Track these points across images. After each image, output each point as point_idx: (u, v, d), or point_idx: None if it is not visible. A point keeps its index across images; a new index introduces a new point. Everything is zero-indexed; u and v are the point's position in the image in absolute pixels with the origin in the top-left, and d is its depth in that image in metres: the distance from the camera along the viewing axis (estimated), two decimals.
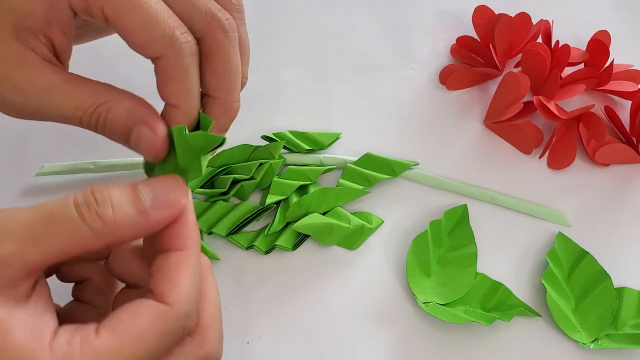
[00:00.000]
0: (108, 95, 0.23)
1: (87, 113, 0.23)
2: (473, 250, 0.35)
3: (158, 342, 0.20)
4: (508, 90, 0.39)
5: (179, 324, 0.21)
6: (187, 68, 0.23)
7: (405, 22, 0.47)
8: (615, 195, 0.39)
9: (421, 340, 0.33)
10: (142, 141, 0.23)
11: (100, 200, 0.20)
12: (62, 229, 0.20)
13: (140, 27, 0.22)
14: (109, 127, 0.23)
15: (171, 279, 0.21)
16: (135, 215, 0.21)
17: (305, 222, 0.35)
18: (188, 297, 0.21)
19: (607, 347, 0.32)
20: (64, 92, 0.23)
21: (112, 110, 0.23)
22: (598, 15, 0.47)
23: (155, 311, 0.20)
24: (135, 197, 0.21)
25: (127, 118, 0.23)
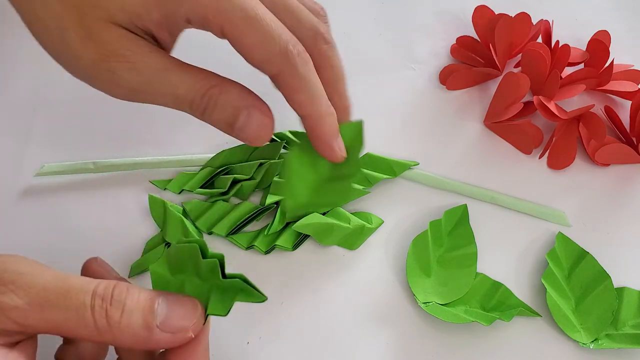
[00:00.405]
0: (219, 79, 0.24)
1: (199, 93, 0.23)
2: (473, 250, 0.35)
3: None
4: (508, 90, 0.39)
5: None
6: (306, 77, 0.24)
7: (405, 22, 0.47)
8: (615, 195, 0.39)
9: (421, 340, 0.33)
10: (252, 123, 0.24)
11: (115, 299, 0.20)
12: (70, 310, 0.20)
13: (257, 44, 0.23)
14: (219, 109, 0.23)
15: None
16: (141, 328, 0.21)
17: (305, 222, 0.35)
18: None
19: (607, 347, 0.32)
20: (179, 73, 0.23)
21: (224, 93, 0.23)
22: (598, 15, 0.47)
23: None
24: (149, 309, 0.21)
25: (238, 100, 0.24)
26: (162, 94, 0.23)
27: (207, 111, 0.24)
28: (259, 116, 0.24)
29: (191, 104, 0.23)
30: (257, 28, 0.23)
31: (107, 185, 0.38)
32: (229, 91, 0.24)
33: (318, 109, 0.25)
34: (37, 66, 0.44)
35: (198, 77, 0.23)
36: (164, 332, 0.21)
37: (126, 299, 0.21)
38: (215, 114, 0.24)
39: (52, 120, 0.41)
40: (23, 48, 0.45)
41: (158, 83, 0.23)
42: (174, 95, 0.23)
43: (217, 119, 0.24)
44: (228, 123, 0.24)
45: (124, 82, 0.23)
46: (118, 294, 0.21)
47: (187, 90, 0.23)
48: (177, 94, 0.23)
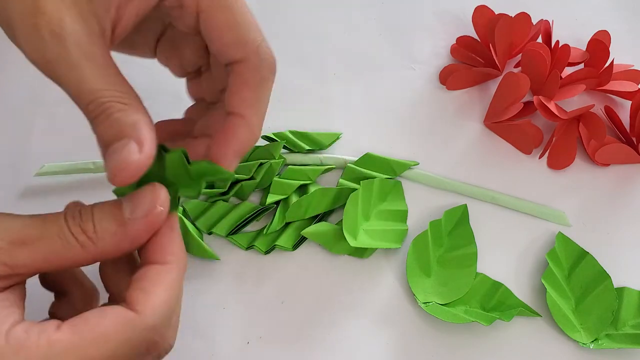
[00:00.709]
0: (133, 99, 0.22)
1: (101, 100, 0.21)
2: (473, 250, 0.35)
3: (117, 348, 0.20)
4: (508, 90, 0.39)
5: (143, 334, 0.20)
6: (266, 80, 0.24)
7: (405, 22, 0.47)
8: (615, 195, 0.39)
9: (421, 340, 0.33)
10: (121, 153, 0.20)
11: (84, 214, 0.21)
12: (52, 236, 0.20)
13: (233, 25, 0.22)
14: (108, 124, 0.21)
15: (145, 289, 0.21)
16: (115, 226, 0.21)
17: (314, 230, 0.35)
18: (159, 310, 0.20)
19: (607, 347, 0.32)
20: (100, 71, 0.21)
21: (124, 113, 0.21)
22: (598, 15, 0.47)
23: (121, 316, 0.20)
24: (116, 210, 0.21)
25: (129, 127, 0.21)
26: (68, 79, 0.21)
27: (97, 119, 0.21)
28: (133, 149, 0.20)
29: (89, 103, 0.21)
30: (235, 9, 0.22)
31: (107, 185, 0.38)
32: (129, 115, 0.21)
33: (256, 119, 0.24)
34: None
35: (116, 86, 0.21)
36: (136, 221, 0.21)
37: (93, 211, 0.21)
38: (101, 127, 0.21)
39: (52, 120, 0.41)
40: None
41: (71, 67, 0.20)
42: (78, 87, 0.21)
43: (101, 132, 0.21)
44: (106, 142, 0.21)
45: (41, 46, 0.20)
46: (85, 211, 0.21)
47: (93, 90, 0.21)
48: (82, 87, 0.21)
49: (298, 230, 0.36)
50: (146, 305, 0.20)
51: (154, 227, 0.22)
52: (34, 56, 0.21)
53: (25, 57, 0.21)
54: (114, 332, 0.19)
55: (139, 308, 0.20)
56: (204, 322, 0.34)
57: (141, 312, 0.20)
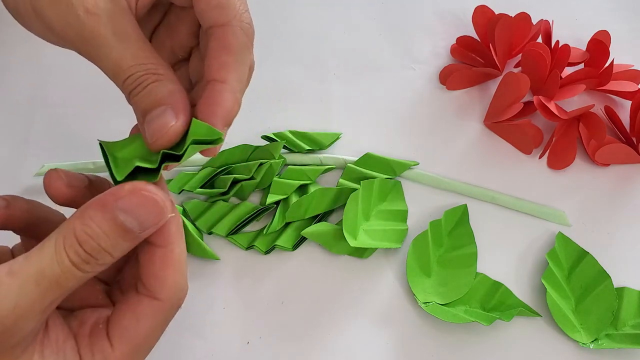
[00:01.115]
0: (167, 72, 0.23)
1: (138, 73, 0.22)
2: (473, 250, 0.35)
3: (158, 334, 0.23)
4: (508, 90, 0.39)
5: (171, 314, 0.23)
6: (246, 46, 0.23)
7: (405, 22, 0.47)
8: (615, 195, 0.39)
9: (421, 340, 0.33)
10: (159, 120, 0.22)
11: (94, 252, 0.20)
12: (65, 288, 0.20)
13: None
14: (144, 93, 0.22)
15: (159, 275, 0.22)
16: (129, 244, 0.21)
17: (314, 230, 0.35)
18: (176, 290, 0.23)
19: (607, 347, 0.32)
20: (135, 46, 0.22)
21: (159, 83, 0.22)
22: (598, 15, 0.47)
23: (152, 310, 0.22)
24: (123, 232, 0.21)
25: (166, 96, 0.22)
26: (106, 57, 0.22)
27: (134, 91, 0.22)
28: (169, 116, 0.22)
29: (126, 78, 0.22)
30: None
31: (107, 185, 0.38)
32: (164, 84, 0.22)
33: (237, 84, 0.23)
34: (36, 66, 0.44)
35: (150, 59, 0.22)
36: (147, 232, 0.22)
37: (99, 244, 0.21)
38: (138, 97, 0.22)
39: (52, 120, 0.41)
40: (23, 49, 0.45)
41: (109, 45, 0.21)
42: (117, 64, 0.22)
43: (138, 102, 0.22)
44: (144, 110, 0.22)
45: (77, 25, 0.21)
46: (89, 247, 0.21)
47: (132, 65, 0.22)
48: (121, 64, 0.22)
49: (298, 230, 0.36)
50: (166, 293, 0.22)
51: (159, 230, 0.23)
52: (70, 34, 0.22)
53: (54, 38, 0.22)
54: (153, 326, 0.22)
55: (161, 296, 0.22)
56: (204, 322, 0.34)
57: (164, 299, 0.22)
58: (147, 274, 0.23)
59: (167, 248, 0.23)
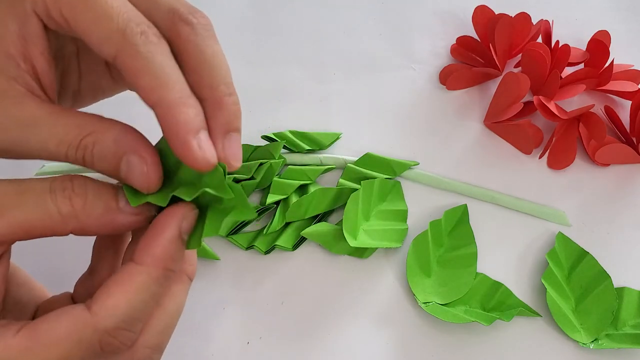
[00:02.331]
0: (94, 125, 0.21)
1: (72, 146, 0.21)
2: (473, 250, 0.35)
3: (70, 350, 0.20)
4: (508, 90, 0.39)
5: (96, 336, 0.20)
6: (148, 57, 0.20)
7: (405, 22, 0.47)
8: (615, 195, 0.39)
9: (421, 340, 0.33)
10: (133, 172, 0.21)
11: (77, 187, 0.20)
12: (31, 204, 0.20)
13: (95, 22, 0.20)
14: (97, 160, 0.21)
15: (108, 290, 0.20)
16: (103, 212, 0.21)
17: (314, 230, 0.35)
18: (115, 313, 0.20)
19: (607, 347, 0.32)
20: (48, 125, 0.20)
21: (99, 142, 0.21)
22: (598, 15, 0.47)
23: (76, 318, 0.20)
24: (111, 195, 0.21)
25: (115, 148, 0.21)
26: (30, 151, 0.21)
27: (87, 164, 0.21)
28: (138, 165, 0.21)
29: (66, 157, 0.21)
30: (94, 5, 0.20)
31: None
32: (103, 140, 0.21)
33: (167, 95, 0.20)
34: None
35: (70, 126, 0.20)
36: (126, 213, 0.21)
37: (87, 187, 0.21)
38: (96, 166, 0.21)
39: None
40: None
41: (24, 139, 0.20)
42: (47, 151, 0.20)
43: (101, 169, 0.21)
44: (113, 173, 0.21)
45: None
46: (79, 185, 0.21)
47: (58, 143, 0.20)
48: (49, 149, 0.20)
49: (298, 230, 0.36)
50: (101, 306, 0.20)
51: (140, 225, 0.22)
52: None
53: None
54: (66, 335, 0.20)
55: (95, 309, 0.20)
56: (204, 322, 0.34)
57: (96, 313, 0.20)
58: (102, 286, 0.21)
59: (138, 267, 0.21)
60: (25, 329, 0.20)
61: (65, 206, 0.20)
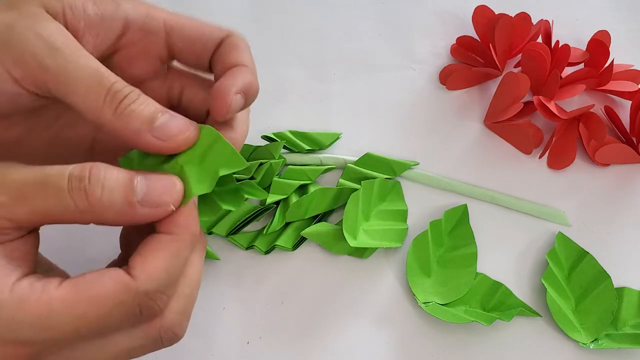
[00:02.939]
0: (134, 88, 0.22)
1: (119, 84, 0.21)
2: (473, 250, 0.35)
3: (112, 309, 0.20)
4: (508, 90, 0.39)
5: (137, 299, 0.20)
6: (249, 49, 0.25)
7: (405, 22, 0.47)
8: (615, 195, 0.39)
9: (421, 340, 0.33)
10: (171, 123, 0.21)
11: (93, 178, 0.20)
12: (50, 196, 0.20)
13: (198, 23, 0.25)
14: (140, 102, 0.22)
15: (144, 255, 0.21)
16: (122, 205, 0.21)
17: (314, 230, 0.35)
18: (155, 277, 0.21)
19: (607, 347, 0.32)
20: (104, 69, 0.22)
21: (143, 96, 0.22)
22: (598, 15, 0.47)
23: (117, 279, 0.20)
24: (129, 186, 0.21)
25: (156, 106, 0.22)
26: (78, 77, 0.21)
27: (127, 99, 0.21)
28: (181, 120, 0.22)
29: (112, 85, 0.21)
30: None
31: None
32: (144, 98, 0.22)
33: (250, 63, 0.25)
34: None
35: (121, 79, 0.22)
36: (145, 208, 0.21)
37: (104, 177, 0.20)
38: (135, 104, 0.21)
39: None
40: None
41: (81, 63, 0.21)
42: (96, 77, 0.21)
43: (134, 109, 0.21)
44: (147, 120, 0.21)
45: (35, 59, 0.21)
46: (96, 174, 0.20)
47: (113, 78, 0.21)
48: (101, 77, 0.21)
49: (298, 230, 0.36)
50: (141, 272, 0.20)
51: (159, 218, 0.22)
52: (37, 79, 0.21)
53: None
54: (110, 293, 0.20)
55: (135, 273, 0.20)
56: (204, 322, 0.34)
57: (136, 276, 0.20)
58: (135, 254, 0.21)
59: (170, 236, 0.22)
60: (68, 283, 0.20)
61: (82, 201, 0.20)
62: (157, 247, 0.21)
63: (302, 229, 0.35)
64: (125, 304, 0.20)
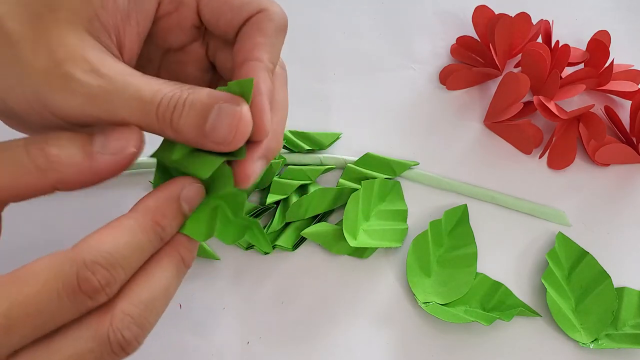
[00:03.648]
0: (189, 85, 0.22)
1: (167, 95, 0.21)
2: (473, 250, 0.35)
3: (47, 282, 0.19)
4: (508, 90, 0.39)
5: (73, 269, 0.19)
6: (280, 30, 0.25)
7: (405, 22, 0.47)
8: (615, 195, 0.39)
9: (421, 340, 0.33)
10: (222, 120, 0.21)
11: (50, 139, 0.20)
12: (7, 163, 0.20)
13: None
14: (188, 109, 0.21)
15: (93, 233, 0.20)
16: (81, 156, 0.20)
17: (314, 230, 0.35)
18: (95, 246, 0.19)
19: (607, 347, 0.33)
20: (144, 78, 0.21)
21: (194, 94, 0.21)
22: (598, 15, 0.47)
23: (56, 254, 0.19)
24: (85, 140, 0.21)
25: (208, 98, 0.21)
26: (125, 99, 0.21)
27: (174, 114, 0.21)
28: (230, 112, 0.21)
29: (158, 108, 0.21)
30: None
31: (107, 185, 0.38)
32: (199, 92, 0.21)
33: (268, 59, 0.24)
34: None
35: (167, 83, 0.21)
36: (104, 156, 0.21)
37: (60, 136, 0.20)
38: (183, 118, 0.21)
39: None
40: None
41: (121, 86, 0.20)
42: (139, 99, 0.21)
43: (186, 123, 0.21)
44: (198, 126, 0.21)
45: (82, 88, 0.20)
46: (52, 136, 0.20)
47: (154, 92, 0.21)
48: (143, 96, 0.21)
49: (298, 230, 0.36)
50: (83, 242, 0.20)
51: (122, 167, 0.21)
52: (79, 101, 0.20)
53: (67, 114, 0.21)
54: (43, 268, 0.19)
55: (77, 244, 0.19)
56: (204, 322, 0.34)
57: (76, 246, 0.19)
58: None
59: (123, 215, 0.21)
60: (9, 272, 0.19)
61: (41, 157, 0.20)
62: (110, 224, 0.20)
63: (302, 229, 0.36)
64: (61, 274, 0.19)
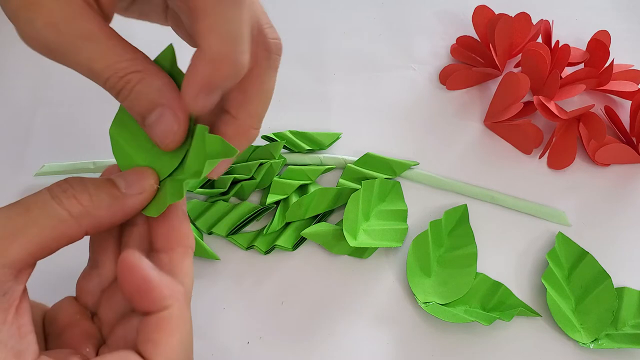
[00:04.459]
0: (145, 65, 0.22)
1: (117, 75, 0.21)
2: (473, 250, 0.35)
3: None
4: (508, 90, 0.39)
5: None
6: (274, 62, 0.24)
7: (405, 22, 0.47)
8: (615, 195, 0.39)
9: (421, 340, 0.33)
10: (160, 125, 0.22)
11: (77, 186, 0.21)
12: (40, 217, 0.20)
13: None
14: (133, 97, 0.21)
15: (153, 340, 0.21)
16: (111, 201, 0.21)
17: (314, 230, 0.35)
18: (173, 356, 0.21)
19: (607, 347, 0.32)
20: (102, 46, 0.21)
21: (144, 82, 0.21)
22: (598, 15, 0.47)
23: None
24: (110, 183, 0.22)
25: (155, 95, 0.21)
26: (77, 63, 0.21)
27: (120, 95, 0.21)
28: (169, 120, 0.22)
29: (106, 81, 0.21)
30: None
31: None
32: (149, 83, 0.21)
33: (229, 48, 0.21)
34: (37, 67, 0.44)
35: (124, 56, 0.21)
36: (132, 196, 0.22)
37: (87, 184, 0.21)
38: (128, 101, 0.22)
39: (52, 120, 0.41)
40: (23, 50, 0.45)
41: (75, 49, 0.20)
42: (89, 68, 0.21)
43: (130, 105, 0.22)
44: (140, 114, 0.22)
45: (40, 37, 0.20)
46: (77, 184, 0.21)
47: (105, 67, 0.21)
48: (93, 67, 0.21)
49: (298, 230, 0.36)
50: (158, 356, 0.21)
51: (147, 202, 0.23)
52: (38, 49, 0.21)
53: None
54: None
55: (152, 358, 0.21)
56: (204, 322, 0.34)
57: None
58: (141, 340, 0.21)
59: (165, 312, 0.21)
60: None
61: (74, 206, 0.20)
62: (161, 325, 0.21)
63: (302, 229, 0.36)
64: None
